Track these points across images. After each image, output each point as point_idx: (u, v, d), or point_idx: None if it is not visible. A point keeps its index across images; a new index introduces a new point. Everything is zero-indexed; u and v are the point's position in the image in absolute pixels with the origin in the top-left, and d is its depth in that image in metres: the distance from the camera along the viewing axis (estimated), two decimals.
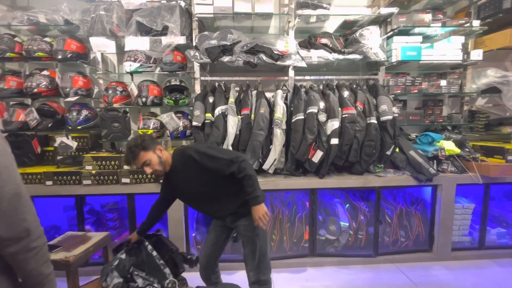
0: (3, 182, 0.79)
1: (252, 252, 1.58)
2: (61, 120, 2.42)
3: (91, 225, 2.60)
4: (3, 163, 0.80)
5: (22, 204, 0.82)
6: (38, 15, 2.33)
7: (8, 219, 0.79)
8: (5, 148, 0.83)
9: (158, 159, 1.50)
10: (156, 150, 1.51)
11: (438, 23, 2.59)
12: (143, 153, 1.47)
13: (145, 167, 1.49)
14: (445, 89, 2.70)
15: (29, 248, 0.83)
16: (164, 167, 1.54)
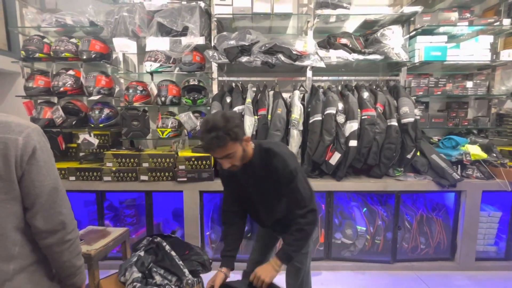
0: (43, 176, 0.82)
1: (297, 270, 1.45)
2: (84, 118, 2.51)
3: (110, 220, 2.68)
4: (44, 158, 0.83)
5: (59, 198, 0.86)
6: (66, 17, 2.43)
7: (46, 212, 0.83)
8: (46, 144, 0.87)
9: (242, 152, 1.22)
10: (243, 141, 1.22)
11: (465, 22, 2.48)
12: (232, 144, 1.15)
13: (224, 159, 1.20)
14: (471, 91, 2.57)
15: (64, 241, 0.87)
16: (242, 162, 1.26)
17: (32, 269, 0.86)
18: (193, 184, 2.29)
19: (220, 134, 1.12)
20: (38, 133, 0.85)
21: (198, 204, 2.34)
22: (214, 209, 2.65)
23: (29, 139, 0.80)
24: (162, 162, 2.29)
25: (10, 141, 0.77)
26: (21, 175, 0.80)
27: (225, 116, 1.15)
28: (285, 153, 1.26)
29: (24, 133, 0.80)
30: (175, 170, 2.27)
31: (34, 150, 0.81)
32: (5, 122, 0.80)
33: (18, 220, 0.82)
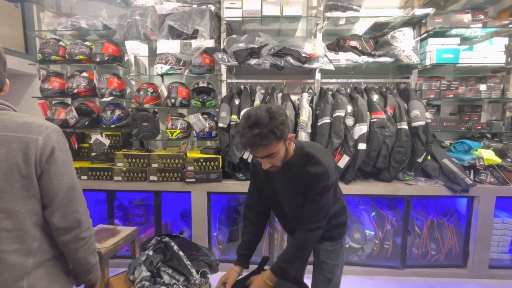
0: (61, 175, 0.85)
1: (327, 281, 1.34)
2: (96, 119, 2.57)
3: (119, 220, 2.72)
4: (62, 158, 0.87)
5: (76, 197, 0.89)
6: (80, 21, 2.50)
7: (63, 210, 0.86)
8: (64, 144, 0.90)
9: (285, 151, 1.13)
10: (287, 140, 1.12)
11: (478, 24, 2.43)
12: (276, 144, 1.07)
13: (265, 159, 1.11)
14: (484, 94, 2.52)
15: (79, 238, 0.89)
16: (283, 162, 1.18)
17: (50, 264, 0.89)
18: (201, 185, 2.31)
19: (264, 132, 1.01)
20: (58, 134, 0.88)
21: (206, 205, 2.36)
22: (222, 210, 2.67)
23: (48, 139, 0.84)
24: (171, 162, 2.32)
25: (31, 140, 0.81)
26: (40, 174, 0.83)
27: (271, 111, 1.03)
28: (328, 165, 1.15)
29: (44, 133, 0.83)
30: (183, 171, 2.30)
31: (53, 150, 0.84)
32: (27, 123, 0.83)
33: (37, 217, 0.85)
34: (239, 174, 2.38)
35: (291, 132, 2.24)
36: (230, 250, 2.60)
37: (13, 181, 0.80)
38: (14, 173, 0.80)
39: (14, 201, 0.80)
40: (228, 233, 2.61)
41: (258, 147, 1.05)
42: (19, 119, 0.84)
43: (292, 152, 1.20)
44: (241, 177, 2.37)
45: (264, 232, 1.45)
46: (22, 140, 0.80)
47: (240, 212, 2.70)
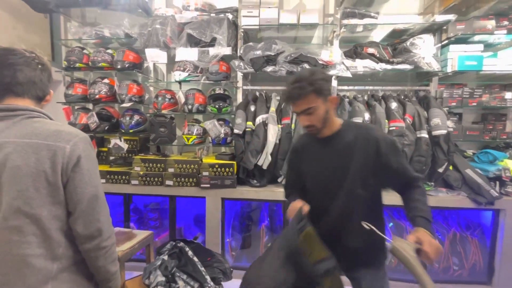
0: (84, 184, 0.87)
1: None
2: (116, 124, 2.65)
3: (134, 223, 2.77)
4: (87, 167, 0.88)
5: (99, 206, 0.90)
6: (104, 30, 2.61)
7: (86, 218, 0.87)
8: (91, 153, 0.92)
9: (325, 113, 1.11)
10: (328, 101, 1.12)
11: (503, 30, 2.35)
12: (313, 97, 1.08)
13: (304, 115, 1.12)
14: (510, 102, 2.41)
15: (100, 247, 0.90)
16: (323, 126, 1.14)
17: (74, 269, 0.91)
18: (215, 190, 2.32)
19: (303, 84, 1.08)
20: (85, 142, 0.90)
21: (220, 210, 2.36)
22: (235, 217, 2.66)
23: (75, 148, 0.86)
24: (187, 168, 2.35)
25: (59, 148, 0.84)
26: (66, 181, 0.85)
27: (312, 69, 1.15)
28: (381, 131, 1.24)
29: (72, 142, 0.86)
30: (199, 176, 2.32)
31: (79, 159, 0.86)
32: (57, 131, 0.86)
33: (62, 223, 0.87)
34: (253, 181, 2.38)
35: None
36: (242, 257, 2.58)
37: (41, 188, 0.82)
38: (41, 180, 0.82)
39: (40, 207, 0.83)
40: (241, 240, 2.60)
41: (297, 99, 1.10)
42: (51, 127, 0.87)
43: (338, 126, 1.19)
44: (255, 183, 2.36)
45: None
46: (51, 147, 0.83)
47: (253, 218, 2.68)
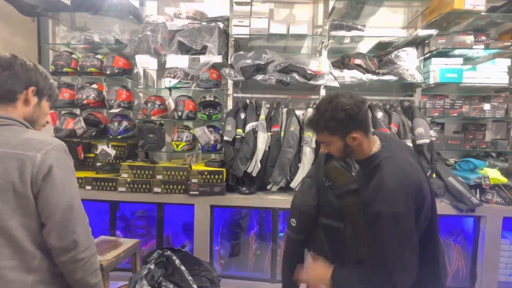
0: (57, 194, 0.83)
1: None
2: (103, 130, 2.61)
3: (121, 231, 2.71)
4: (60, 176, 0.84)
5: (74, 216, 0.86)
6: (93, 35, 2.60)
7: (60, 230, 0.83)
8: (66, 161, 0.88)
9: (343, 148, 1.08)
10: (348, 138, 1.04)
11: (480, 45, 2.49)
12: (327, 135, 1.07)
13: (322, 143, 1.17)
14: (488, 113, 2.53)
15: (76, 259, 0.86)
16: (345, 156, 1.14)
17: (51, 281, 0.87)
18: (204, 198, 2.30)
19: (316, 120, 1.05)
20: (59, 151, 0.86)
21: (209, 218, 2.34)
22: (224, 224, 2.65)
23: (46, 157, 0.82)
24: (176, 175, 2.33)
25: (28, 158, 0.79)
26: (37, 192, 0.81)
27: (330, 104, 1.01)
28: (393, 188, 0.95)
29: (43, 150, 0.82)
30: (187, 183, 2.31)
31: (51, 168, 0.82)
32: (28, 139, 0.82)
33: (35, 235, 0.84)
34: (242, 188, 2.38)
35: (295, 147, 2.26)
36: (231, 265, 2.56)
37: (9, 199, 0.79)
38: (9, 191, 0.79)
39: (10, 218, 0.79)
40: (230, 248, 2.58)
41: (312, 129, 1.18)
42: (22, 135, 0.83)
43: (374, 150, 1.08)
44: (244, 191, 2.36)
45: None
46: (20, 157, 0.79)
47: (242, 226, 2.67)
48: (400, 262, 0.94)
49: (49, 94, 0.98)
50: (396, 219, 0.93)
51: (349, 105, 1.00)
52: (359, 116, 1.02)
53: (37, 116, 0.95)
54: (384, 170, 1.00)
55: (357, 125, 1.03)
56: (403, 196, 0.94)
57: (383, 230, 0.94)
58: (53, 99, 1.02)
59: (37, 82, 0.92)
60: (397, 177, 0.97)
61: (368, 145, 1.09)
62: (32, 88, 0.91)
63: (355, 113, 1.00)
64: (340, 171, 1.29)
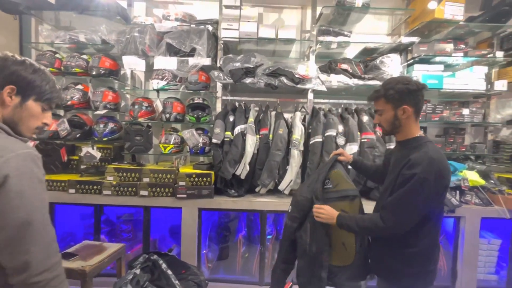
0: (11, 208, 0.74)
1: None
2: (88, 131, 2.55)
3: (105, 235, 2.64)
4: (18, 188, 0.75)
5: (30, 234, 0.76)
6: (79, 35, 2.54)
7: (11, 248, 0.75)
8: (31, 171, 0.79)
9: (393, 118, 1.24)
10: (400, 109, 1.21)
11: (459, 53, 2.60)
12: (383, 102, 1.25)
13: (376, 114, 1.33)
14: (467, 118, 2.65)
15: (27, 283, 0.76)
16: (391, 129, 1.28)
17: None
18: (192, 201, 2.28)
19: (380, 89, 1.26)
20: (25, 159, 0.78)
21: (197, 221, 2.32)
22: (212, 228, 2.63)
23: (3, 166, 0.74)
24: (163, 177, 2.30)
25: None
26: None
27: (398, 78, 1.27)
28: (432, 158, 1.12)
29: (2, 159, 0.74)
30: (175, 186, 2.28)
31: (6, 179, 0.73)
32: None
33: None
34: (231, 191, 2.38)
35: (284, 150, 2.28)
36: (219, 268, 2.54)
37: None
38: None
39: None
40: (218, 251, 2.56)
41: (371, 100, 1.33)
42: None
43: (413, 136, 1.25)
44: (233, 193, 2.36)
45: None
46: None
47: (231, 229, 2.66)
48: (400, 213, 1.16)
49: (39, 93, 0.88)
50: (422, 183, 1.11)
51: (410, 82, 1.21)
52: (415, 93, 1.20)
53: (18, 118, 0.86)
54: (430, 148, 1.18)
55: (411, 100, 1.21)
56: (437, 172, 1.12)
57: (408, 187, 1.14)
58: (48, 99, 0.91)
59: (19, 80, 0.84)
60: (439, 157, 1.15)
61: (415, 126, 1.26)
62: (9, 88, 0.83)
63: (413, 89, 1.20)
64: (343, 177, 1.46)
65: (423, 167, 1.12)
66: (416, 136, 1.25)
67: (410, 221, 1.17)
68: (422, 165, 1.12)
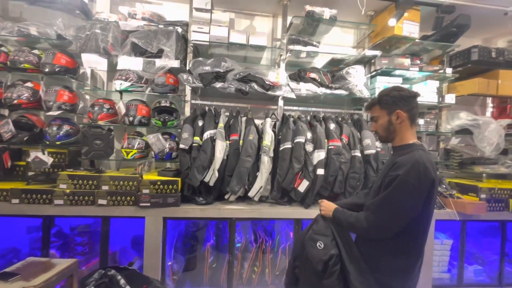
0: None
1: None
2: (39, 134, 2.30)
3: (56, 250, 2.38)
4: None
5: None
6: (30, 27, 2.30)
7: None
8: None
9: (387, 123, 1.31)
10: (393, 115, 1.28)
11: (415, 68, 2.83)
12: (377, 109, 1.34)
13: (372, 121, 1.39)
14: (423, 127, 2.87)
15: None
16: (387, 135, 1.34)
17: None
18: (156, 209, 2.15)
19: (375, 97, 1.36)
20: None
21: (161, 231, 2.19)
22: (178, 237, 2.50)
23: None
24: (124, 185, 2.14)
25: None
26: None
27: (392, 86, 1.35)
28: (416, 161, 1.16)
29: None
30: (138, 194, 2.13)
31: None
32: None
33: None
34: (199, 198, 2.29)
35: (254, 156, 2.26)
36: (186, 280, 2.41)
37: None
38: None
39: None
40: (185, 262, 2.44)
41: (367, 108, 1.44)
42: None
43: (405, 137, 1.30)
44: (201, 201, 2.28)
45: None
46: None
47: (198, 238, 2.56)
48: (381, 214, 1.20)
49: None
50: (405, 186, 1.14)
51: (404, 90, 1.31)
52: (408, 99, 1.28)
53: None
54: (420, 153, 1.21)
55: (404, 106, 1.28)
56: (421, 177, 1.15)
57: (391, 188, 1.17)
58: None
59: None
60: (426, 162, 1.17)
61: (411, 132, 1.31)
62: None
63: (405, 95, 1.28)
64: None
65: (407, 168, 1.15)
66: (410, 142, 1.29)
67: (391, 223, 1.19)
68: (406, 167, 1.16)
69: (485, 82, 2.82)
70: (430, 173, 1.17)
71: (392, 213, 1.18)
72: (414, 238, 1.24)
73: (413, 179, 1.14)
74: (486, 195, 2.53)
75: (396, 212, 1.17)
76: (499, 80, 2.84)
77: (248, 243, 2.48)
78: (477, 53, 2.75)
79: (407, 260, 1.24)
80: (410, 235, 1.22)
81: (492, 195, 2.54)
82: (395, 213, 1.17)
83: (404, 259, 1.24)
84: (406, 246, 1.23)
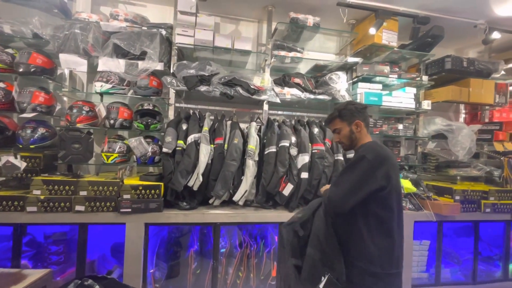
0: None
1: None
2: (11, 137, 2.18)
3: (29, 260, 2.24)
4: None
5: None
6: (3, 25, 2.19)
7: None
8: None
9: (349, 133, 1.49)
10: (353, 125, 1.48)
11: (394, 75, 2.95)
12: (338, 121, 1.51)
13: (334, 134, 1.56)
14: (402, 132, 2.99)
15: None
16: (351, 143, 1.51)
17: None
18: (138, 215, 2.09)
19: (333, 111, 1.53)
20: None
21: (143, 238, 2.12)
22: (161, 244, 2.43)
23: None
24: (104, 190, 2.07)
25: None
26: None
27: (345, 102, 1.56)
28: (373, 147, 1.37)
29: None
30: (118, 200, 2.06)
31: None
32: None
33: None
34: (182, 203, 2.25)
35: (239, 160, 2.26)
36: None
37: None
38: None
39: None
40: (167, 269, 2.37)
41: (328, 122, 1.59)
42: None
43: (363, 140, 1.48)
44: (185, 206, 2.23)
45: None
46: None
47: (182, 244, 2.50)
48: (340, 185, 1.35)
49: None
50: (362, 160, 1.32)
51: (356, 103, 1.53)
52: (362, 111, 1.50)
53: None
54: (374, 141, 1.46)
55: (360, 116, 1.48)
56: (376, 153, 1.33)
57: (350, 163, 1.37)
58: None
59: None
60: (380, 145, 1.42)
61: (367, 136, 1.50)
62: None
63: (359, 107, 1.50)
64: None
65: (364, 148, 1.40)
66: (366, 141, 1.50)
67: (348, 195, 1.30)
68: (364, 148, 1.41)
69: (458, 89, 2.99)
70: (384, 150, 1.38)
71: (351, 183, 1.31)
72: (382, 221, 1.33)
73: (369, 155, 1.32)
74: (460, 196, 2.66)
75: (354, 182, 1.31)
76: (470, 88, 3.02)
77: (232, 248, 2.45)
78: (450, 62, 2.91)
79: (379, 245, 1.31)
80: (378, 217, 1.32)
81: (465, 197, 2.68)
82: (353, 183, 1.31)
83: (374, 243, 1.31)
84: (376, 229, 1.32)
